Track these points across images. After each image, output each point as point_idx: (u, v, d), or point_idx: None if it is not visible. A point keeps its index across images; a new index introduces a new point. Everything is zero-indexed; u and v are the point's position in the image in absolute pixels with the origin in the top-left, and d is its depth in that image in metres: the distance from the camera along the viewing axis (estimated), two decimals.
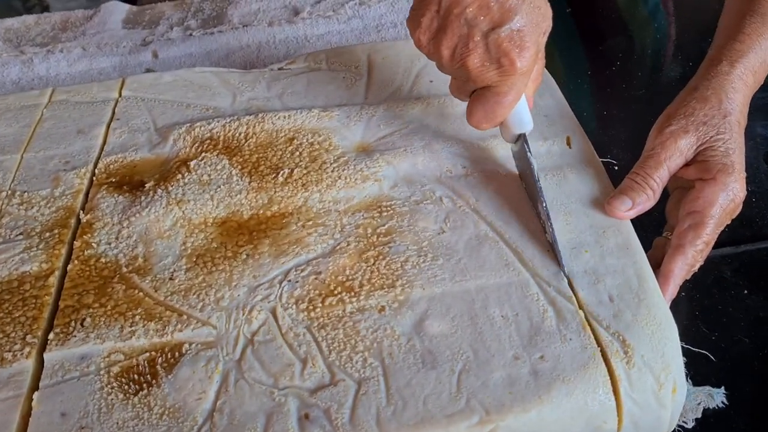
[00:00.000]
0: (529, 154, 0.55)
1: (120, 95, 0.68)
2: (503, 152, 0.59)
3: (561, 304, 0.48)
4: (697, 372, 0.52)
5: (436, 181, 0.57)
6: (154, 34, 0.86)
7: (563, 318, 0.47)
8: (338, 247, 0.52)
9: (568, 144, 0.59)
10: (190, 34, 0.86)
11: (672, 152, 0.53)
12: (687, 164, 0.53)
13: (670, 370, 0.46)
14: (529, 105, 0.56)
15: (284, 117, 0.62)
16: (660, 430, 0.47)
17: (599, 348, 0.46)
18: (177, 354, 0.47)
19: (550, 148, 0.59)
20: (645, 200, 0.52)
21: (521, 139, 0.55)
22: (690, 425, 0.50)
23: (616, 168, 0.65)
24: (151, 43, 0.85)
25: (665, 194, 0.55)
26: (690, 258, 0.50)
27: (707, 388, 0.51)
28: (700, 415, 0.50)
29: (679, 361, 0.47)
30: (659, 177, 0.52)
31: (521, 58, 0.49)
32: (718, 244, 0.53)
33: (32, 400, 0.45)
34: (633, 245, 0.51)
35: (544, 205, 0.52)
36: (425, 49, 0.52)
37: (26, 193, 0.58)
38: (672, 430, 0.49)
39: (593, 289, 0.49)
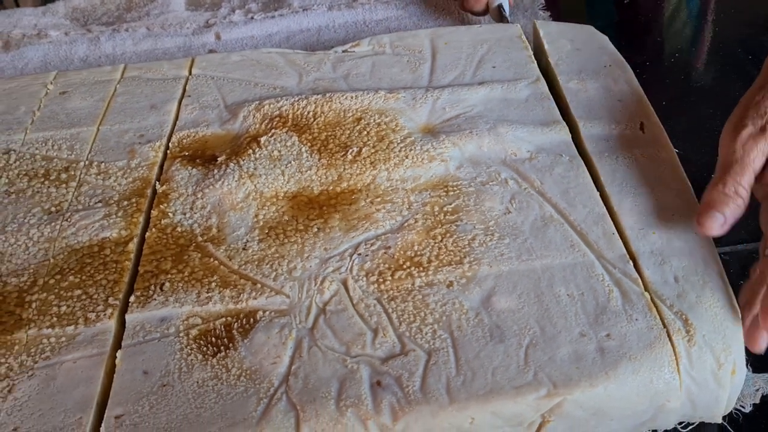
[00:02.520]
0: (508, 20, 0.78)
1: (190, 73, 0.70)
2: (567, 137, 0.60)
3: (626, 285, 0.49)
4: (757, 359, 0.53)
5: (501, 163, 0.58)
6: (217, 16, 0.88)
7: (629, 299, 0.48)
8: (406, 224, 0.54)
9: (642, 129, 0.60)
10: (252, 17, 0.88)
11: (755, 154, 0.49)
12: (763, 168, 0.50)
13: (731, 352, 0.46)
14: (510, 1, 0.79)
15: (351, 97, 0.64)
16: (717, 410, 0.48)
17: (664, 327, 0.47)
18: (252, 320, 0.49)
19: (622, 132, 0.60)
20: (736, 210, 0.49)
21: (503, 14, 0.78)
22: (747, 410, 0.50)
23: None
24: (213, 25, 0.87)
25: None
26: None
27: (767, 375, 0.52)
28: (758, 401, 0.51)
29: (740, 344, 0.47)
30: (747, 182, 0.49)
31: None
32: None
33: (115, 358, 0.47)
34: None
35: None
36: None
37: (103, 164, 0.61)
38: (729, 412, 0.49)
39: (659, 270, 0.50)
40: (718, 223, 0.48)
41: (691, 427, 0.49)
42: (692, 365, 0.46)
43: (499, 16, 0.78)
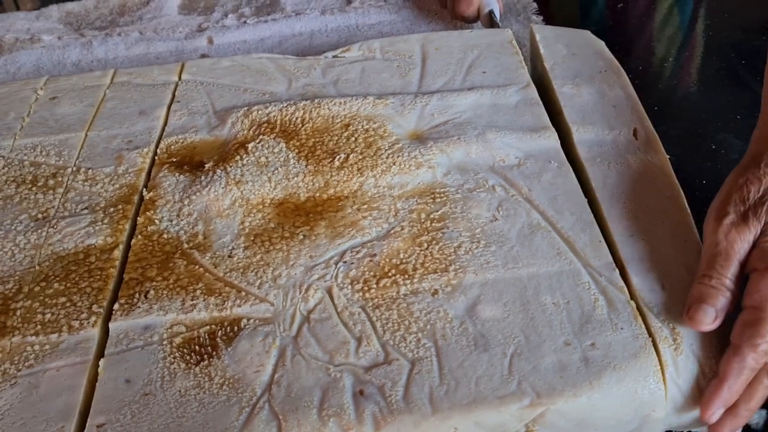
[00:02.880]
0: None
1: (180, 79, 0.70)
2: (555, 143, 0.60)
3: (612, 294, 0.49)
4: None
5: (489, 170, 0.58)
6: (210, 20, 0.89)
7: (614, 307, 0.48)
8: (392, 231, 0.53)
9: (635, 135, 0.60)
10: (244, 22, 0.88)
11: (739, 246, 0.47)
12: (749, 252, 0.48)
13: (717, 362, 0.46)
14: (500, 7, 0.81)
15: (340, 103, 0.64)
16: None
17: (650, 336, 0.46)
18: (236, 328, 0.49)
19: (615, 138, 0.60)
20: (726, 303, 0.47)
21: (494, 20, 0.79)
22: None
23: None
24: (206, 29, 0.87)
25: None
26: (749, 361, 0.44)
27: None
28: None
29: None
30: (733, 275, 0.47)
31: None
32: None
33: (98, 366, 0.47)
34: (690, 238, 0.52)
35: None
36: None
37: (90, 170, 0.61)
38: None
39: (646, 277, 0.49)
40: (710, 318, 0.46)
41: None
42: (678, 374, 0.45)
43: (490, 22, 0.79)
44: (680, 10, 0.90)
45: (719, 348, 0.46)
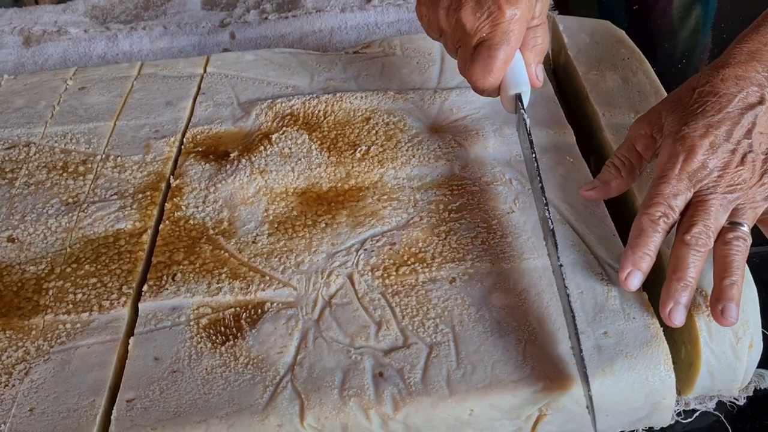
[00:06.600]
0: (524, 117, 0.55)
1: (205, 71, 0.72)
2: (571, 140, 0.61)
3: None
4: None
5: (506, 164, 0.60)
6: (232, 16, 0.90)
7: (627, 298, 0.49)
8: (411, 221, 0.55)
9: None
10: (266, 18, 0.89)
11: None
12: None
13: (748, 327, 0.48)
14: (531, 79, 0.56)
15: (361, 97, 0.66)
16: (734, 383, 0.49)
17: None
18: (260, 311, 0.50)
19: None
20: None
21: (519, 106, 0.55)
22: (741, 403, 0.51)
23: None
24: (228, 24, 0.89)
25: None
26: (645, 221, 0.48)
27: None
28: (750, 394, 0.51)
29: (757, 320, 0.49)
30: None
31: (509, 3, 0.52)
32: None
33: (128, 344, 0.49)
34: None
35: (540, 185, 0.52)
36: (425, 18, 0.56)
37: (119, 158, 0.63)
38: (745, 385, 0.50)
39: None
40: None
41: (689, 420, 0.50)
42: (712, 339, 0.47)
43: (513, 108, 0.57)
44: (702, 10, 0.91)
45: (749, 312, 0.48)
